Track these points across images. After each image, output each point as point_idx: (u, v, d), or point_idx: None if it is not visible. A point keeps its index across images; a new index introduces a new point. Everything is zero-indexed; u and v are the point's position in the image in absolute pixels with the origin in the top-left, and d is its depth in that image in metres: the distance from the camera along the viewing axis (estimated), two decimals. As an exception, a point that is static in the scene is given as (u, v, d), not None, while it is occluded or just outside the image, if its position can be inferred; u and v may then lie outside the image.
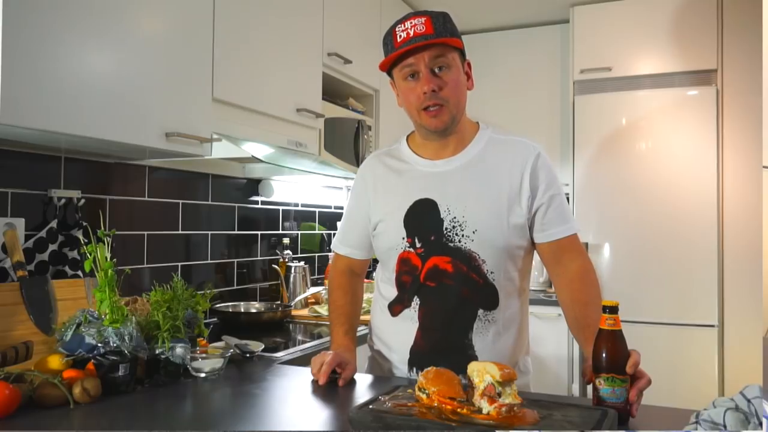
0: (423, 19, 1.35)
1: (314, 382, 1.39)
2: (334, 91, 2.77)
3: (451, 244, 1.40)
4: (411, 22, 1.36)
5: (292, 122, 2.31)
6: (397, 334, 1.47)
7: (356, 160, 2.79)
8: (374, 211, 1.51)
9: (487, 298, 1.41)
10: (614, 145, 3.25)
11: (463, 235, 1.39)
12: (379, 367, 1.53)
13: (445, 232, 1.40)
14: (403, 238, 1.43)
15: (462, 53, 1.42)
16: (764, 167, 2.71)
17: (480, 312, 1.41)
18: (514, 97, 3.69)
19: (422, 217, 1.43)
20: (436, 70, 1.37)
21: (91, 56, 1.49)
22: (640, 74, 3.29)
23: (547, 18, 3.63)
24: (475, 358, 1.38)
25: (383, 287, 1.52)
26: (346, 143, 2.75)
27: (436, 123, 1.40)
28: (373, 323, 1.58)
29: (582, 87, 3.40)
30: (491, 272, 1.40)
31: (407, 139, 1.55)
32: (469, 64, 1.46)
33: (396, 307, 1.47)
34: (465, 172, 1.44)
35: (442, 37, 1.35)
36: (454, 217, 1.40)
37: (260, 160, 2.05)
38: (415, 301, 1.43)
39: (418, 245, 1.42)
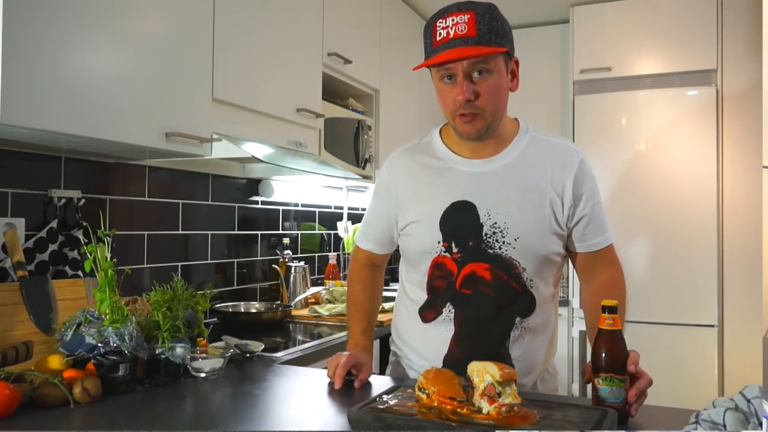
0: (467, 17, 1.24)
1: (329, 384, 1.37)
2: (334, 91, 2.77)
3: (491, 251, 1.33)
4: (453, 19, 1.25)
5: (292, 122, 2.31)
6: (428, 341, 1.40)
7: (356, 160, 2.79)
8: (405, 211, 1.43)
9: (525, 305, 1.36)
10: (614, 145, 3.25)
11: (504, 242, 1.32)
12: (404, 371, 1.49)
13: (484, 237, 1.33)
14: (439, 242, 1.36)
15: (508, 53, 1.31)
16: (764, 167, 2.71)
17: (517, 320, 1.36)
18: (514, 97, 3.67)
19: (460, 221, 1.35)
20: (475, 75, 1.27)
21: (91, 56, 1.49)
22: (640, 74, 3.29)
23: (547, 18, 3.64)
24: (512, 366, 1.30)
25: (411, 289, 1.46)
26: (346, 143, 2.75)
27: (469, 130, 1.31)
28: (398, 326, 1.52)
29: (582, 87, 3.40)
30: (531, 280, 1.35)
31: (441, 133, 1.45)
32: (516, 62, 1.36)
33: (428, 313, 1.40)
34: (506, 174, 1.36)
35: (483, 42, 1.24)
36: (495, 223, 1.33)
37: (260, 160, 2.05)
38: (449, 308, 1.37)
39: (454, 250, 1.34)
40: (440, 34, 1.26)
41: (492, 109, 1.31)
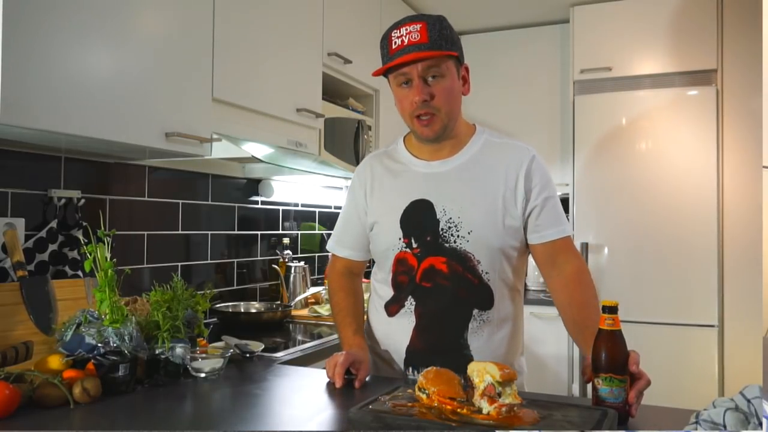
0: (419, 26, 1.36)
1: (329, 384, 1.37)
2: (334, 91, 2.77)
3: (447, 245, 1.41)
4: (406, 29, 1.36)
5: (292, 122, 2.31)
6: (393, 333, 1.48)
7: (356, 160, 2.79)
8: (371, 212, 1.52)
9: (482, 298, 1.42)
10: (614, 145, 3.25)
11: (458, 236, 1.40)
12: (376, 366, 1.53)
13: (441, 232, 1.42)
14: (400, 239, 1.45)
15: (458, 59, 1.42)
16: (764, 167, 2.71)
17: (475, 312, 1.42)
18: (514, 97, 3.69)
19: (418, 218, 1.44)
20: (429, 79, 1.38)
21: (91, 56, 1.49)
22: (640, 74, 3.28)
23: (547, 18, 3.63)
24: (471, 358, 1.38)
25: (379, 287, 1.53)
26: (346, 143, 2.75)
27: (427, 132, 1.41)
28: (369, 323, 1.58)
29: (582, 87, 3.40)
30: (486, 272, 1.41)
31: (404, 140, 1.56)
32: (466, 68, 1.46)
33: (392, 307, 1.48)
34: (461, 174, 1.45)
35: (436, 47, 1.35)
36: (450, 218, 1.41)
37: (260, 160, 2.05)
38: (410, 301, 1.44)
39: (414, 245, 1.43)
40: (395, 42, 1.38)
41: (447, 109, 1.41)
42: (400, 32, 1.37)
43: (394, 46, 1.38)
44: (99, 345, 1.31)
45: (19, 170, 1.75)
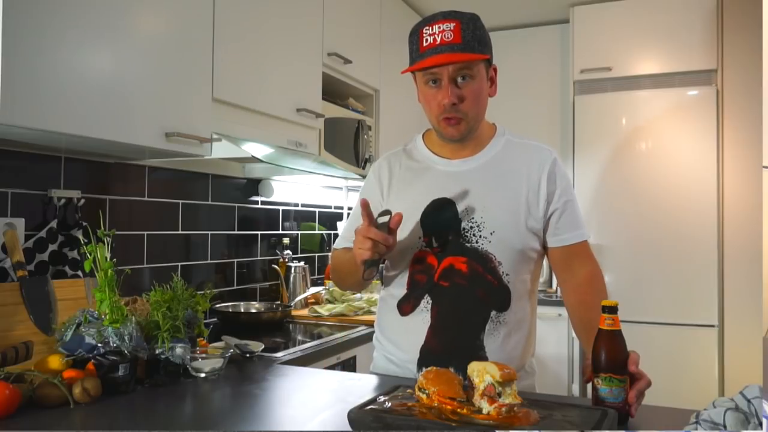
0: (452, 25, 1.32)
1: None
2: (334, 91, 2.77)
3: (468, 245, 1.39)
4: (439, 27, 1.32)
5: (292, 122, 2.31)
6: (407, 333, 1.45)
7: (356, 160, 2.79)
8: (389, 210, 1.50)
9: (501, 299, 1.40)
10: (614, 145, 3.25)
11: (480, 236, 1.38)
12: (385, 367, 1.51)
13: (462, 232, 1.39)
14: (420, 237, 1.42)
15: (488, 61, 1.39)
16: (764, 167, 2.71)
17: (492, 314, 1.40)
18: (514, 97, 3.69)
19: (440, 217, 1.41)
20: (459, 80, 1.35)
21: (91, 56, 1.49)
22: (640, 74, 3.29)
23: (547, 18, 3.64)
24: (486, 359, 1.37)
25: (393, 286, 1.50)
26: (346, 143, 2.75)
27: (452, 132, 1.40)
28: (379, 322, 1.55)
29: (582, 87, 3.40)
30: (507, 274, 1.39)
31: (423, 138, 1.54)
32: (495, 69, 1.44)
33: (406, 306, 1.45)
34: (483, 173, 1.44)
35: (468, 49, 1.32)
36: (473, 218, 1.39)
37: (260, 160, 2.05)
38: (427, 300, 1.41)
39: (435, 245, 1.41)
40: (427, 40, 1.34)
41: (474, 112, 1.39)
42: (432, 29, 1.33)
43: (425, 44, 1.34)
44: (99, 345, 1.31)
45: (19, 170, 1.75)
